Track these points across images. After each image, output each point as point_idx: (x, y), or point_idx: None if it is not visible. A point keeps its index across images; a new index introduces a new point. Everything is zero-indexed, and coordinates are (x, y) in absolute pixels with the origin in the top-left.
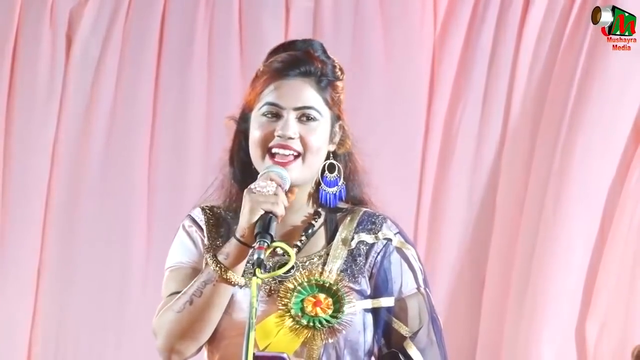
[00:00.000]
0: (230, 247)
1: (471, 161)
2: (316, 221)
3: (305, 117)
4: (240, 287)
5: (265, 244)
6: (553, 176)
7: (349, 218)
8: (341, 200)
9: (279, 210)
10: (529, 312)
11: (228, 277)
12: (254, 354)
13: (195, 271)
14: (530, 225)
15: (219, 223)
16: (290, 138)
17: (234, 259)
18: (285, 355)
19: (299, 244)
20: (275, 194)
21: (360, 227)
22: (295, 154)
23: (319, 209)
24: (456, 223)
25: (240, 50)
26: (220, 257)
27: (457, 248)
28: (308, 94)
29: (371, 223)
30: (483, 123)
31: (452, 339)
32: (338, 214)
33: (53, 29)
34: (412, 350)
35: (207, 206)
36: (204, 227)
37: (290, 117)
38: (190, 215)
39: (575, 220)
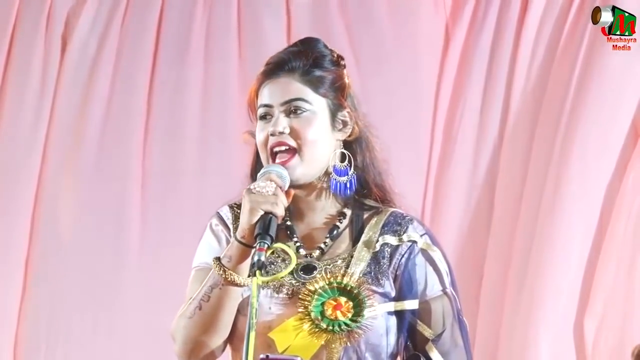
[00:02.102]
0: (232, 249)
1: (471, 158)
2: (341, 222)
3: (293, 109)
4: (261, 287)
5: (266, 245)
6: (551, 173)
7: (375, 219)
8: (353, 190)
9: (279, 211)
10: (527, 308)
11: (232, 279)
12: (267, 356)
13: None
14: (528, 221)
15: None
16: (281, 133)
17: (237, 260)
18: (299, 359)
19: (322, 246)
20: (275, 194)
21: (386, 228)
22: (290, 148)
23: (344, 209)
24: (455, 219)
25: (239, 45)
26: (224, 260)
27: (456, 245)
28: (292, 87)
29: (397, 224)
30: (483, 120)
31: None
32: (365, 213)
33: (48, 31)
34: (434, 353)
35: (235, 204)
36: (230, 226)
37: (279, 113)
38: (218, 213)
39: (574, 216)
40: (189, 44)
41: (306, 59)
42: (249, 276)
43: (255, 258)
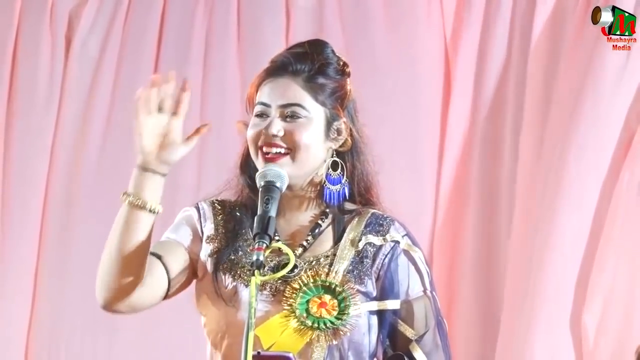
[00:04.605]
0: (134, 174)
1: (486, 163)
2: (323, 221)
3: (290, 114)
4: (245, 285)
5: (264, 245)
6: (549, 172)
7: (356, 219)
8: (345, 199)
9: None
10: (528, 306)
11: (130, 201)
12: (259, 352)
13: (180, 247)
14: (526, 219)
15: (228, 219)
16: (275, 135)
17: (135, 183)
18: (290, 355)
19: (305, 243)
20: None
21: (368, 228)
22: (283, 151)
23: (327, 210)
24: (469, 225)
25: (238, 49)
26: (128, 189)
27: (471, 248)
28: (293, 92)
29: (379, 225)
30: (491, 123)
31: (468, 340)
32: (346, 216)
33: (52, 31)
34: (418, 353)
35: (217, 200)
36: (207, 217)
37: (275, 115)
38: (196, 204)
39: (571, 214)
40: (189, 48)
41: (312, 64)
42: (240, 274)
43: (254, 257)
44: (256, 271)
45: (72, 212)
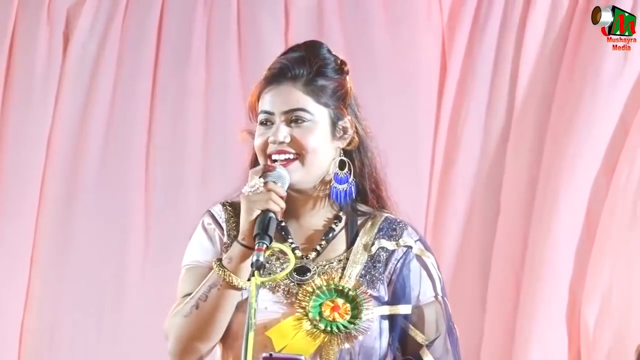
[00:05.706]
0: (234, 250)
1: (476, 161)
2: (337, 225)
3: (294, 119)
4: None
5: (264, 245)
6: (543, 170)
7: (370, 223)
8: (352, 198)
9: (274, 206)
10: (528, 307)
11: (231, 281)
12: (271, 354)
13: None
14: (523, 220)
15: (239, 222)
16: (282, 142)
17: (237, 262)
18: (302, 358)
19: (318, 248)
20: (268, 190)
21: (381, 233)
22: (292, 156)
23: (340, 213)
24: (460, 223)
25: (239, 48)
26: (225, 261)
27: (462, 245)
28: (295, 97)
29: (392, 229)
30: (487, 123)
31: (467, 339)
32: (359, 219)
33: (50, 27)
34: (428, 358)
35: (227, 202)
36: (223, 224)
37: (280, 122)
38: (210, 212)
39: (568, 210)
40: (190, 47)
41: (309, 67)
42: (248, 279)
43: (254, 258)
44: (256, 272)
45: (72, 207)
